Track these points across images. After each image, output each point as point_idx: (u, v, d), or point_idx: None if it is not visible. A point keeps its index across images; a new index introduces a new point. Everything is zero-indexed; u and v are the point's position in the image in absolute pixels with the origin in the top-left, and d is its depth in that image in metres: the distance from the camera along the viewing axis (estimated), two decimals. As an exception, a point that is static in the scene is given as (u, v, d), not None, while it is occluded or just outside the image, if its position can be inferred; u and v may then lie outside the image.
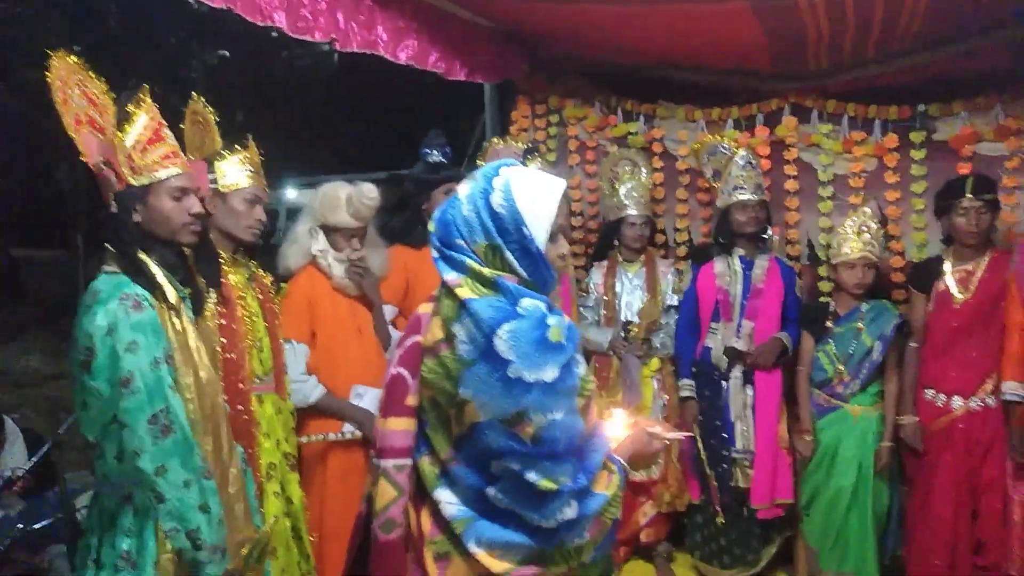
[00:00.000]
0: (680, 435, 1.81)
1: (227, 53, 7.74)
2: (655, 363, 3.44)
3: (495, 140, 3.64)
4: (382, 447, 1.46)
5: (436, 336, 1.39)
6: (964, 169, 3.21)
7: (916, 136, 3.34)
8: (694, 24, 3.06)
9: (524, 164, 3.24)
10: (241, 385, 2.25)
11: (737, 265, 3.30)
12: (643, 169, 3.70)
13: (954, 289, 2.93)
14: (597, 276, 3.61)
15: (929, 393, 2.97)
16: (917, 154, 3.34)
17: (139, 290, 1.71)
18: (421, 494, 1.46)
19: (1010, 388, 2.78)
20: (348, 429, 2.67)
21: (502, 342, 1.30)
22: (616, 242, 3.58)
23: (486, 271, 1.38)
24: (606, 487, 1.43)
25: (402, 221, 3.09)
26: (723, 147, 3.40)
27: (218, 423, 1.88)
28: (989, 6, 2.87)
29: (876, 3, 2.74)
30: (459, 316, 1.35)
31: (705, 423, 3.30)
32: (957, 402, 2.90)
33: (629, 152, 3.78)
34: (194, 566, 1.69)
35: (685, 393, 3.35)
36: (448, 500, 1.39)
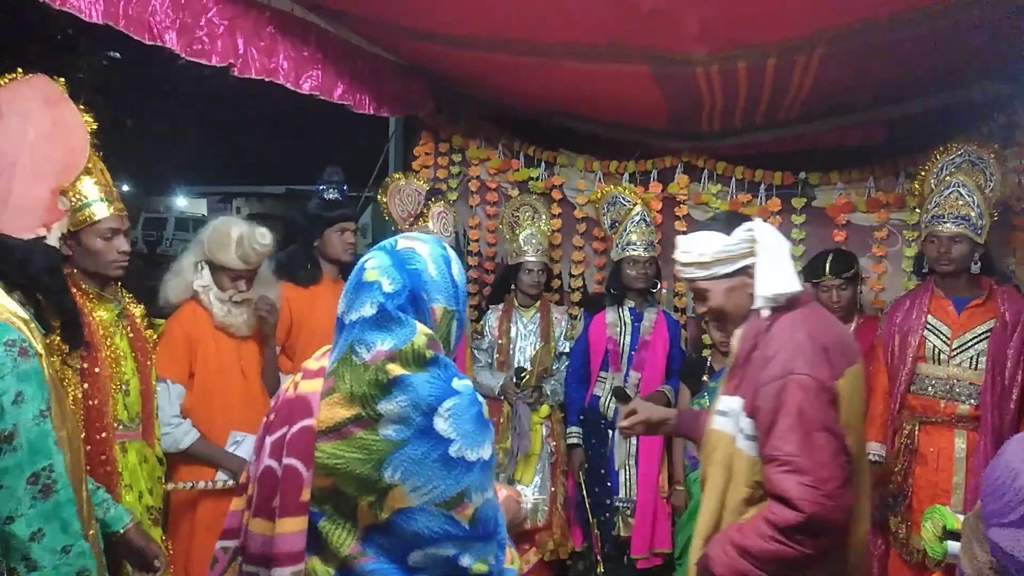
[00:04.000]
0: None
1: (118, 55, 7.33)
2: (544, 409, 3.45)
3: (398, 176, 3.59)
4: (274, 554, 1.23)
5: (339, 416, 1.24)
6: (839, 236, 3.43)
7: (797, 202, 3.54)
8: (596, 81, 3.13)
9: (428, 205, 3.29)
10: (103, 434, 2.08)
11: (627, 316, 3.38)
12: (543, 215, 3.75)
13: (824, 353, 3.09)
14: (493, 319, 3.61)
15: (799, 450, 3.10)
16: (797, 219, 3.54)
17: (22, 335, 1.53)
18: None
19: (873, 449, 2.94)
20: (221, 477, 2.56)
21: (443, 420, 1.22)
22: (513, 286, 3.60)
23: (428, 350, 1.27)
24: (511, 561, 1.38)
25: (290, 257, 2.98)
26: (623, 198, 3.48)
27: (80, 480, 1.73)
28: (866, 88, 3.09)
29: (766, 80, 2.89)
30: (389, 393, 1.23)
31: (590, 471, 3.34)
32: (824, 460, 3.04)
33: (530, 198, 3.82)
34: None
35: (572, 440, 3.38)
36: None
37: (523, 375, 3.41)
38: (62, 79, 1.77)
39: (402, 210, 3.35)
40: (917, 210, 3.19)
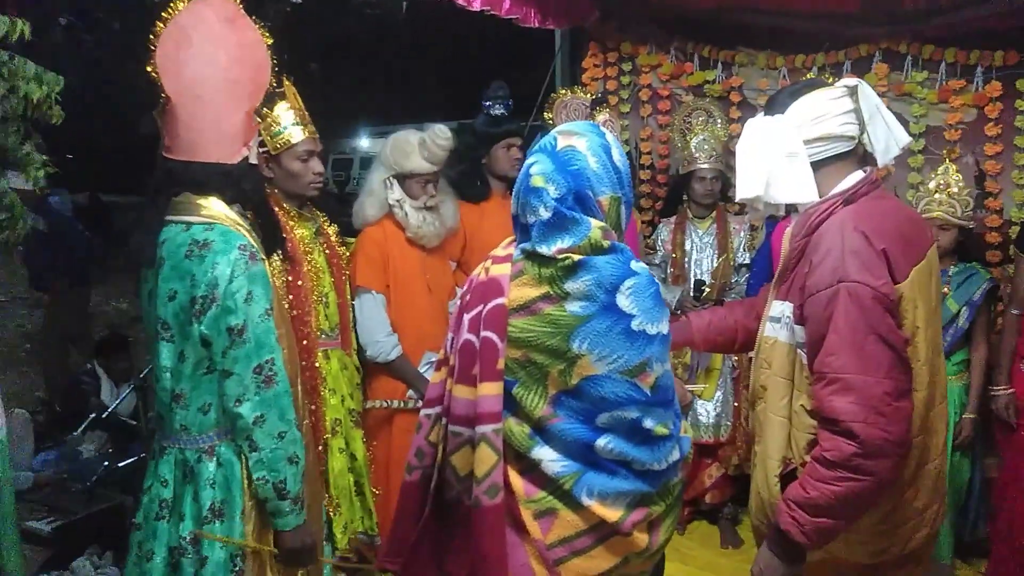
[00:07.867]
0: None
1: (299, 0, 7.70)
2: (725, 323, 3.33)
3: (562, 91, 3.52)
4: (477, 413, 1.41)
5: (529, 295, 1.39)
6: (1076, 120, 2.94)
7: (1023, 84, 3.07)
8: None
9: (592, 115, 3.21)
10: (305, 342, 2.27)
11: (816, 223, 3.13)
12: (718, 120, 3.54)
13: (1065, 251, 2.71)
14: (665, 233, 3.50)
15: (1027, 365, 2.77)
16: (1023, 104, 3.07)
17: (250, 241, 1.72)
18: (506, 456, 1.43)
19: None
20: (412, 395, 2.61)
21: (625, 298, 1.36)
22: (685, 197, 3.45)
23: (604, 241, 1.38)
24: (685, 431, 1.52)
25: (460, 175, 3.01)
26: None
27: (295, 375, 1.91)
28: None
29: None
30: (574, 274, 1.37)
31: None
32: (1058, 375, 2.70)
33: (704, 102, 3.61)
34: (275, 514, 1.71)
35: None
36: (550, 458, 1.40)
37: (703, 288, 3.30)
38: None
39: (570, 124, 3.28)
40: None
